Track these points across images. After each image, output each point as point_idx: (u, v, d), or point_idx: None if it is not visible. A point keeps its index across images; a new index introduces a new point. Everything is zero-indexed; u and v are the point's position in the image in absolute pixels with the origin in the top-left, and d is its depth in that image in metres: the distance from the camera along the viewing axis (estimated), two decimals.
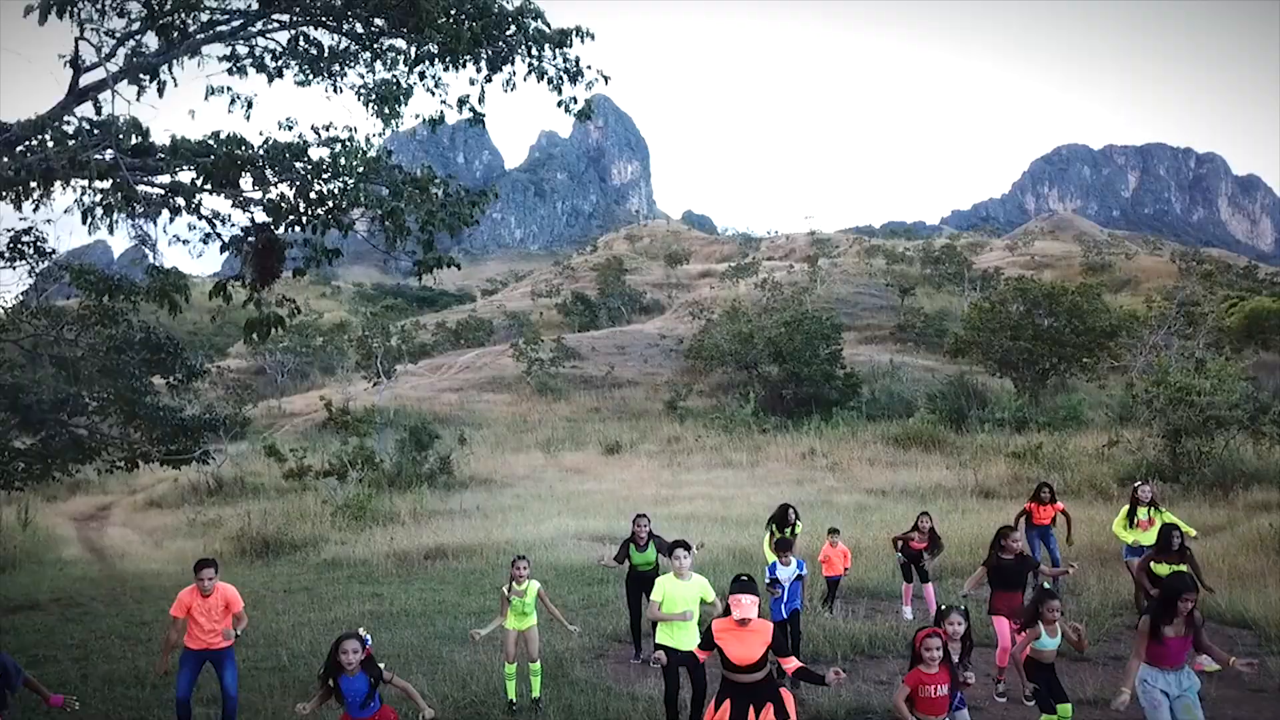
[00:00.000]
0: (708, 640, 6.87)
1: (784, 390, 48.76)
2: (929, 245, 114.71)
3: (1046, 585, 8.95)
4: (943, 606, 7.93)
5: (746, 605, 6.67)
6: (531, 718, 9.49)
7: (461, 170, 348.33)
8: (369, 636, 6.83)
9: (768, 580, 10.42)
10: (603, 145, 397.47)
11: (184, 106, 11.01)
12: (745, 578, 7.00)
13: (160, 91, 10.43)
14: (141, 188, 10.92)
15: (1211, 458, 23.85)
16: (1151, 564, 10.94)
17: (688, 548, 8.84)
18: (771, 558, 13.00)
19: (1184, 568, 10.57)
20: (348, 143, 11.36)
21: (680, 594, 8.47)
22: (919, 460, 32.70)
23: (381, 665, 6.87)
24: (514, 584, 9.82)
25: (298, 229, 11.36)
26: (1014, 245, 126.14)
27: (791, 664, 6.81)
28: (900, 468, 31.31)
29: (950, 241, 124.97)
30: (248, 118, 10.97)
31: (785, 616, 10.35)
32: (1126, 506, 13.37)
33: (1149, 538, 12.37)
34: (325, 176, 11.39)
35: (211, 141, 10.71)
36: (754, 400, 46.87)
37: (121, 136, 10.27)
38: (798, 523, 14.04)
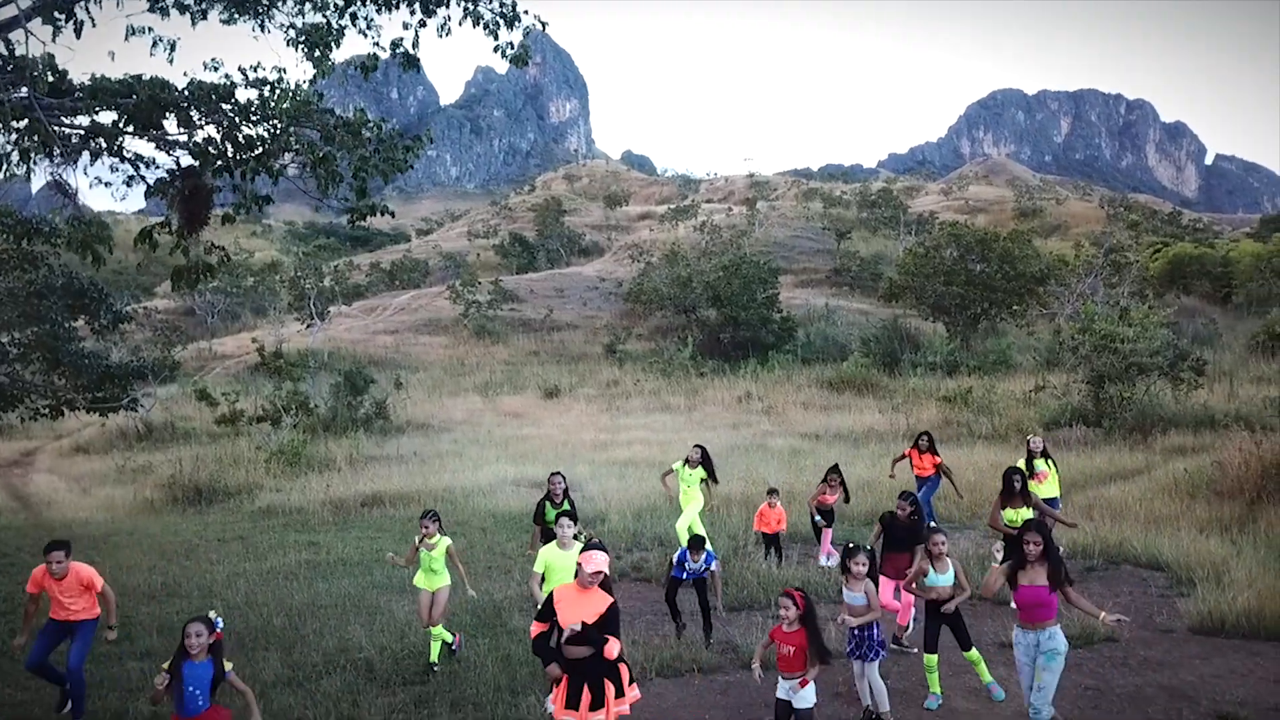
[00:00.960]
0: (547, 609, 6.55)
1: (721, 334, 49.08)
2: (865, 189, 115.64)
3: (933, 524, 9.12)
4: (850, 544, 8.07)
5: (599, 560, 6.47)
6: (427, 679, 9.32)
7: (395, 106, 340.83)
8: (220, 620, 6.50)
9: (674, 561, 10.30)
10: (540, 83, 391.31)
11: (103, 49, 10.55)
12: (597, 541, 7.00)
13: (78, 32, 9.97)
14: (59, 129, 10.51)
15: (1132, 403, 24.59)
16: (1007, 511, 11.16)
17: (573, 518, 8.89)
18: (684, 498, 13.13)
19: (1030, 511, 10.97)
20: (276, 84, 11.01)
21: (562, 564, 8.50)
22: (852, 404, 33.23)
23: (229, 664, 6.48)
24: (425, 538, 9.74)
25: (226, 175, 11.04)
26: (949, 190, 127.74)
27: (613, 650, 6.41)
28: (834, 411, 31.78)
29: (887, 185, 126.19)
30: (171, 61, 10.56)
31: (687, 578, 10.17)
32: (1023, 459, 13.27)
33: (1044, 489, 12.58)
34: (254, 118, 11.05)
35: (133, 81, 10.31)
36: (692, 344, 47.09)
37: (37, 74, 9.85)
38: (701, 466, 13.65)
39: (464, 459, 25.41)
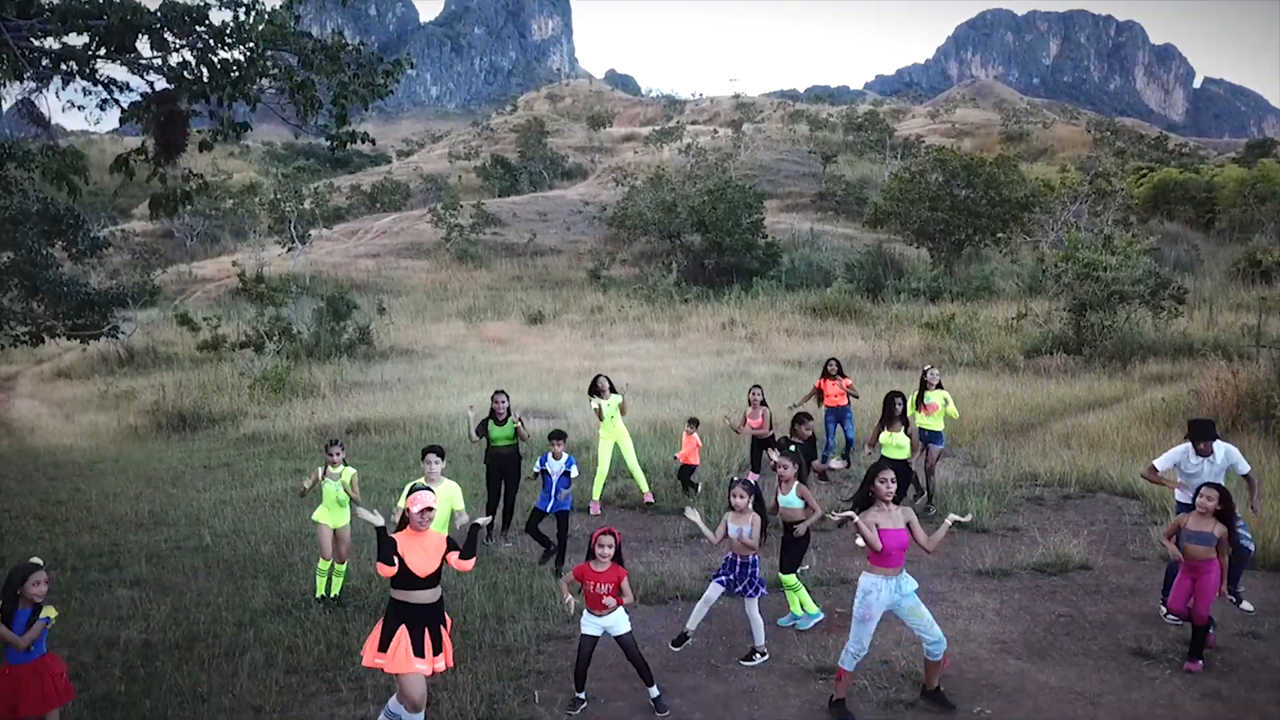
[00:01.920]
0: (389, 551, 6.29)
1: (706, 260, 48.88)
2: (852, 111, 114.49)
3: (792, 447, 9.20)
4: (732, 478, 8.16)
5: (424, 499, 6.45)
6: (332, 610, 9.32)
7: (374, 23, 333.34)
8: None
9: (535, 471, 10.40)
10: None
11: None
12: (420, 482, 7.02)
13: None
14: (29, 52, 10.25)
15: (1113, 331, 24.78)
16: (885, 435, 11.29)
17: (440, 453, 8.91)
18: (610, 433, 13.10)
19: (905, 436, 11.18)
20: (252, 6, 10.75)
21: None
22: (835, 330, 33.33)
23: (52, 611, 6.12)
24: (329, 468, 9.57)
25: (203, 100, 10.83)
26: (935, 112, 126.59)
27: (467, 565, 6.64)
28: (816, 338, 31.88)
29: (873, 108, 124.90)
30: None
31: (551, 510, 10.30)
32: (917, 390, 13.22)
33: (929, 421, 12.65)
34: (229, 41, 10.81)
35: (104, 2, 10.05)
36: (676, 270, 46.93)
37: None
38: (615, 395, 13.28)
39: (448, 385, 25.45)
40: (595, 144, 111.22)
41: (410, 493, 6.63)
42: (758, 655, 8.06)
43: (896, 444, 11.15)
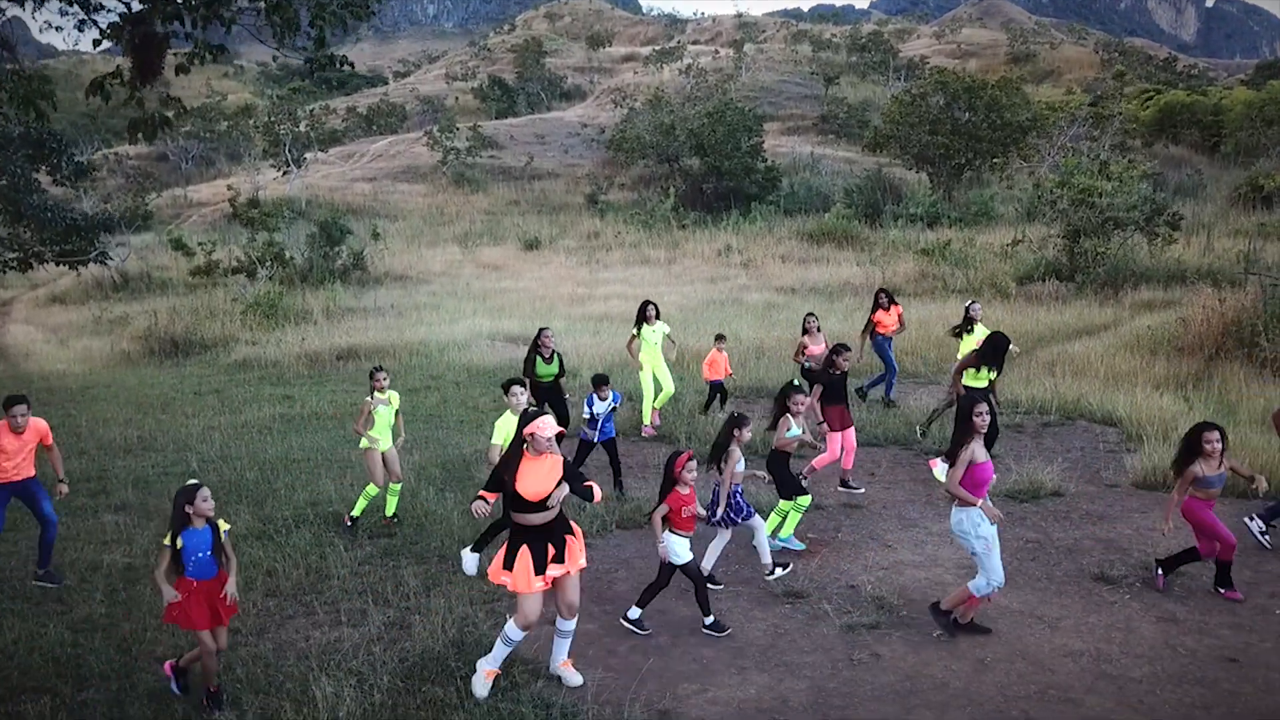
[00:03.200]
0: (498, 479, 6.36)
1: (704, 184, 48.39)
2: (856, 32, 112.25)
3: (795, 382, 9.27)
4: (736, 413, 8.22)
5: (546, 424, 6.27)
6: (394, 533, 9.57)
7: None
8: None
9: (585, 415, 10.52)
10: None
11: None
12: (534, 408, 7.13)
13: None
14: None
15: (1106, 258, 24.64)
16: (971, 370, 11.21)
17: (523, 384, 9.03)
18: (643, 363, 13.23)
19: (993, 375, 11.18)
20: None
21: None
22: (831, 257, 33.17)
23: (225, 525, 6.39)
24: (375, 394, 9.66)
25: (178, 23, 10.65)
26: (941, 33, 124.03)
27: (598, 493, 6.50)
28: (812, 264, 31.76)
29: (878, 28, 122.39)
30: None
31: (599, 440, 10.50)
32: (963, 327, 13.22)
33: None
34: None
35: None
36: (674, 195, 46.49)
37: None
38: (660, 323, 13.49)
39: (441, 312, 25.48)
40: (594, 64, 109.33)
41: (527, 422, 6.33)
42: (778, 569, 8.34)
43: (988, 376, 11.19)
